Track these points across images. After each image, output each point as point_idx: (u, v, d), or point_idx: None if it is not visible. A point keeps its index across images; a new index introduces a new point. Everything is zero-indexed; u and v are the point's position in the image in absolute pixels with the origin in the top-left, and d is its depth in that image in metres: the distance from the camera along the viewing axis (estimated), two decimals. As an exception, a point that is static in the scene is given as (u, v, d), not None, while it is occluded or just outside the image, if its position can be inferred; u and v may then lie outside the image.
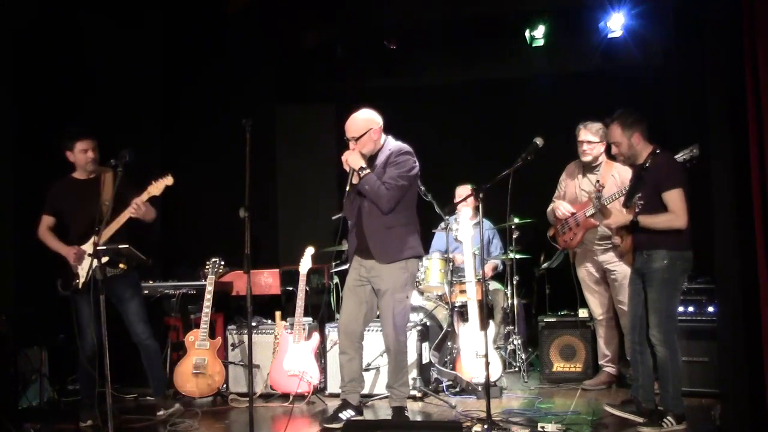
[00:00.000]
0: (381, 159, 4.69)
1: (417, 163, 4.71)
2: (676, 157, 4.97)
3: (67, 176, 5.08)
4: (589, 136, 5.39)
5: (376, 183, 4.58)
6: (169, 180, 4.85)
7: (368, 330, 5.11)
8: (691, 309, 5.18)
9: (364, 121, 4.68)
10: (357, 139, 4.64)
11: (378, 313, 4.83)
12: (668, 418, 4.37)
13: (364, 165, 4.61)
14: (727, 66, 3.97)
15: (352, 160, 4.63)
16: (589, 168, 5.51)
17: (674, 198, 4.31)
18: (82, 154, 4.98)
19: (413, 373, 5.37)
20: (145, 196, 4.84)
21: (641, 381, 4.55)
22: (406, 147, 4.74)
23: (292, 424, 4.79)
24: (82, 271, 4.85)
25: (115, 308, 4.94)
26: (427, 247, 6.05)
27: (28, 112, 5.73)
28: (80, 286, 4.83)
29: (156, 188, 4.85)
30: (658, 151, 4.46)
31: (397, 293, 4.64)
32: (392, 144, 4.76)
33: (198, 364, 5.45)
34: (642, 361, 4.53)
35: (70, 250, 4.92)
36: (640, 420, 4.49)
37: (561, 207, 5.50)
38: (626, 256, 4.61)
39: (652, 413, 4.47)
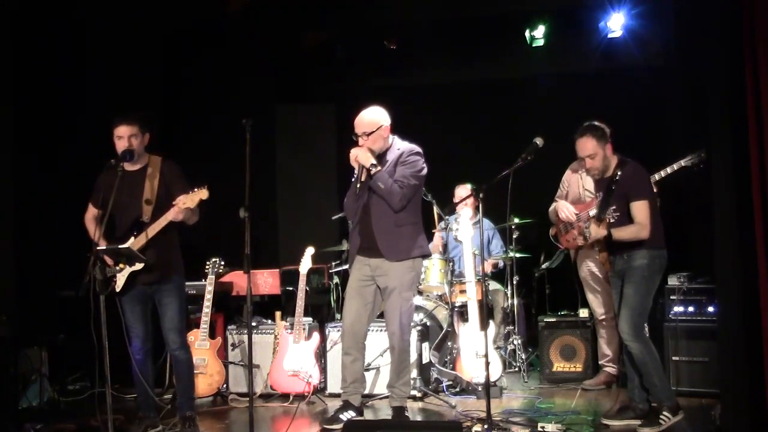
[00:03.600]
0: (391, 157, 4.68)
1: (425, 165, 4.72)
2: (682, 161, 4.97)
3: (121, 165, 4.44)
4: None
5: (388, 180, 4.56)
6: (203, 194, 4.44)
7: (369, 330, 5.11)
8: (691, 309, 5.19)
9: (375, 117, 4.68)
10: (369, 135, 4.62)
11: (379, 312, 4.83)
12: (664, 413, 4.38)
13: (374, 162, 4.60)
14: (727, 66, 3.96)
15: (362, 157, 4.61)
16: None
17: (640, 209, 4.40)
18: (117, 142, 4.52)
19: (413, 373, 5.36)
20: (175, 214, 4.43)
21: (636, 382, 4.57)
22: (416, 147, 4.74)
23: (292, 425, 4.79)
24: (121, 272, 4.50)
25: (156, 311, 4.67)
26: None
27: (28, 112, 5.72)
28: (117, 289, 4.49)
29: (190, 200, 4.43)
30: (626, 161, 4.53)
31: (404, 292, 4.64)
32: (401, 144, 4.75)
33: (198, 364, 5.43)
34: None
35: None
36: (638, 422, 4.48)
37: (564, 209, 5.47)
38: (605, 265, 4.70)
39: (649, 413, 4.48)
